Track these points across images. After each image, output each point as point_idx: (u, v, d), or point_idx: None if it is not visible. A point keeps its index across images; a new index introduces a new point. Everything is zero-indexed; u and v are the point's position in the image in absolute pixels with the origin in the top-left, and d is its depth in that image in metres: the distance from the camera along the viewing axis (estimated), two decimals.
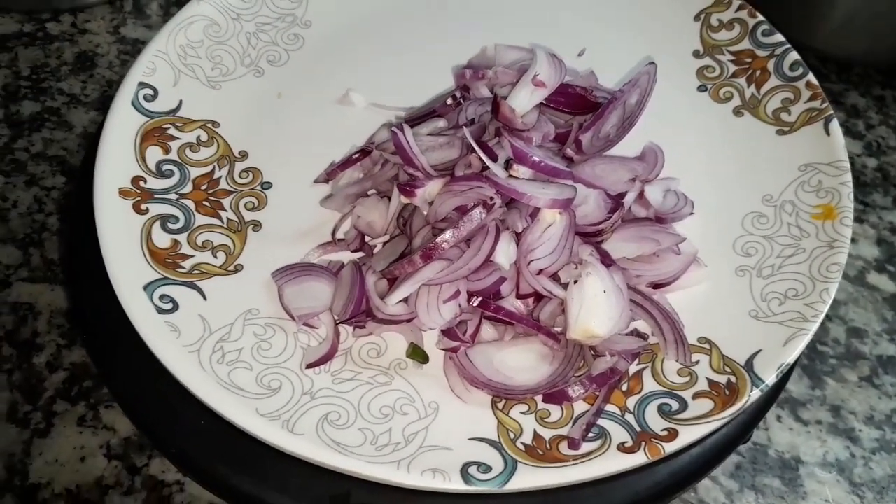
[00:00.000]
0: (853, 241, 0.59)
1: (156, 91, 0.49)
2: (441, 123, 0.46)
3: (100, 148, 0.45)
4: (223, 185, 0.47)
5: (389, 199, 0.45)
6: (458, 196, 0.40)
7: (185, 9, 0.52)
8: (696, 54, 0.54)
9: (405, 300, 0.40)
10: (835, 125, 0.47)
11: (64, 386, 0.49)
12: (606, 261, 0.40)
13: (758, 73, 0.52)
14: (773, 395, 0.42)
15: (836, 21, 0.66)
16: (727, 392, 0.37)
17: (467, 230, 0.39)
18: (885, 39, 0.66)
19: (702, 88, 0.53)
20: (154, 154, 0.47)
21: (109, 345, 0.42)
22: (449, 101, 0.47)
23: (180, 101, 0.50)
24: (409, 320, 0.39)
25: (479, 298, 0.38)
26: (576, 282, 0.39)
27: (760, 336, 0.40)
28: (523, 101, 0.44)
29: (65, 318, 0.52)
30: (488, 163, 0.41)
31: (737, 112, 0.51)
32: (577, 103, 0.46)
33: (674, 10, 0.56)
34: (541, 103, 0.46)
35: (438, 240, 0.38)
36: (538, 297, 0.40)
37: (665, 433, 0.36)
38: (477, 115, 0.46)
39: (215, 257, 0.44)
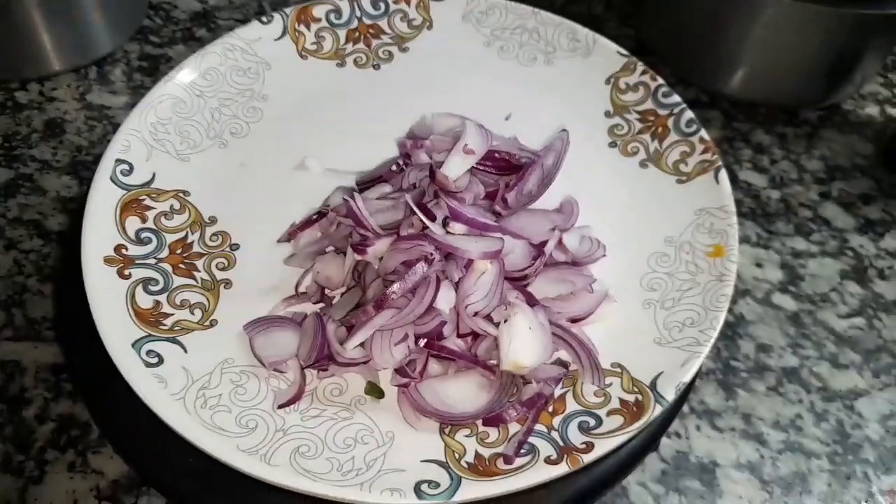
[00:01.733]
0: (759, 265, 0.66)
1: (131, 166, 0.55)
2: (387, 188, 0.53)
3: (85, 220, 0.51)
4: (196, 248, 0.53)
5: (345, 255, 0.51)
6: (403, 252, 0.47)
7: (154, 89, 0.59)
8: (608, 114, 0.62)
9: (361, 344, 0.46)
10: (723, 175, 0.55)
11: (53, 436, 0.52)
12: (531, 301, 0.47)
13: (660, 129, 0.60)
14: (674, 410, 0.49)
15: (741, 70, 0.74)
16: (635, 409, 0.45)
17: (412, 282, 0.45)
18: (786, 84, 0.75)
19: (612, 144, 0.61)
20: (133, 223, 0.53)
21: (102, 394, 0.47)
22: (393, 168, 0.54)
23: (153, 174, 0.55)
24: (365, 362, 0.46)
25: (425, 339, 0.45)
26: (506, 321, 0.46)
27: (662, 359, 0.47)
28: (456, 168, 0.51)
29: (50, 373, 0.55)
30: (427, 223, 0.48)
31: (642, 164, 0.59)
32: (503, 166, 0.53)
33: (587, 74, 0.64)
34: (471, 167, 0.53)
35: (388, 291, 0.45)
36: (475, 336, 0.47)
37: (583, 446, 0.43)
38: (417, 179, 0.53)
39: (193, 314, 0.50)
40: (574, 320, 0.48)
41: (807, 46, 0.70)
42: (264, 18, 0.64)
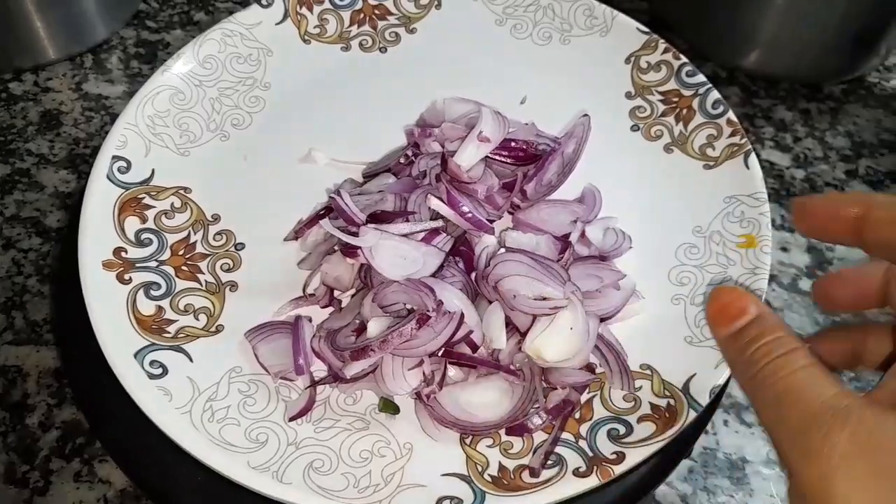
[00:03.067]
0: (785, 250, 0.64)
1: (129, 163, 0.52)
2: (389, 180, 0.50)
3: (81, 222, 0.48)
4: (199, 248, 0.51)
5: None
6: (404, 294, 0.43)
7: (151, 80, 0.56)
8: (629, 95, 0.59)
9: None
10: (753, 159, 0.52)
11: (58, 444, 0.51)
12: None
13: (684, 111, 0.57)
14: (708, 413, 0.46)
15: (762, 43, 0.71)
16: (667, 414, 0.42)
17: (407, 335, 0.41)
18: (807, 56, 0.71)
19: (634, 128, 0.58)
20: (132, 224, 0.50)
21: (102, 403, 0.45)
22: (402, 160, 0.51)
23: (153, 171, 0.53)
24: (372, 372, 0.43)
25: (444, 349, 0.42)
26: (553, 308, 0.43)
27: (695, 360, 0.44)
28: (469, 157, 0.48)
29: (53, 378, 0.53)
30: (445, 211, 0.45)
31: (667, 149, 0.56)
32: (520, 155, 0.50)
33: (606, 54, 0.60)
34: (486, 157, 0.50)
35: (390, 338, 0.41)
36: None
37: (614, 456, 0.40)
38: (428, 167, 0.50)
39: (197, 320, 0.47)
40: (601, 319, 0.45)
41: (830, 15, 0.66)
42: (264, 2, 0.60)
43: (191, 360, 0.45)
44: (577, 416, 0.43)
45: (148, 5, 0.80)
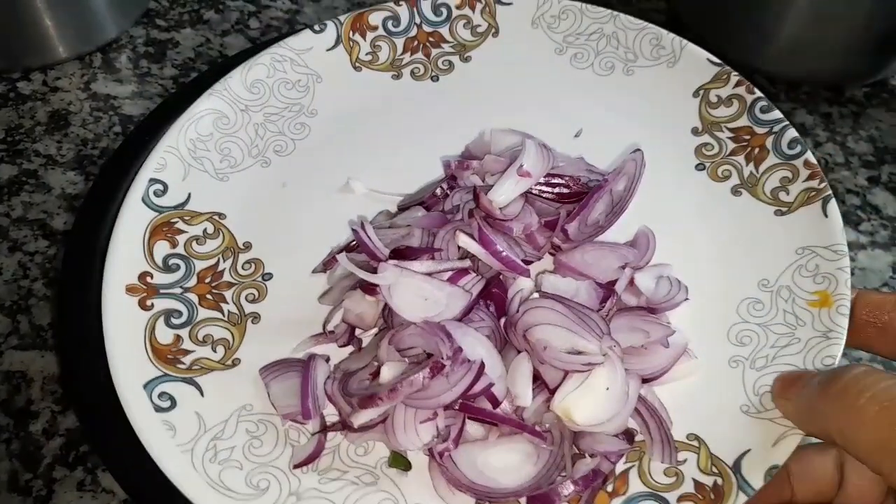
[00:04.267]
0: None
1: (166, 186, 0.51)
2: (419, 213, 0.47)
3: (111, 244, 0.47)
4: (226, 277, 0.49)
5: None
6: (420, 338, 0.40)
7: (197, 103, 0.55)
8: (695, 131, 0.54)
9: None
10: (833, 206, 0.46)
11: (61, 452, 0.50)
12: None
13: (756, 150, 0.51)
14: None
15: (782, 43, 0.68)
16: (713, 495, 0.36)
17: (419, 384, 0.38)
18: (829, 59, 0.69)
19: (700, 167, 0.52)
20: (161, 249, 0.49)
21: (101, 415, 0.43)
22: (437, 192, 0.48)
23: (189, 195, 0.52)
24: (382, 422, 0.40)
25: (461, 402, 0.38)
26: (588, 364, 0.38)
27: (750, 434, 0.38)
28: (506, 192, 0.45)
29: (57, 385, 0.53)
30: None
31: (735, 191, 0.51)
32: (564, 192, 0.46)
33: (673, 86, 0.56)
34: (528, 192, 0.46)
35: (400, 387, 0.38)
36: None
37: None
38: (462, 202, 0.47)
39: (215, 352, 0.45)
40: (644, 380, 0.40)
41: (854, 16, 0.64)
42: (317, 27, 0.59)
43: (202, 394, 0.43)
44: (609, 488, 0.38)
45: (158, 4, 0.79)
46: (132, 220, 0.49)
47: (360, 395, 0.39)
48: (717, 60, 0.55)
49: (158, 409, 0.42)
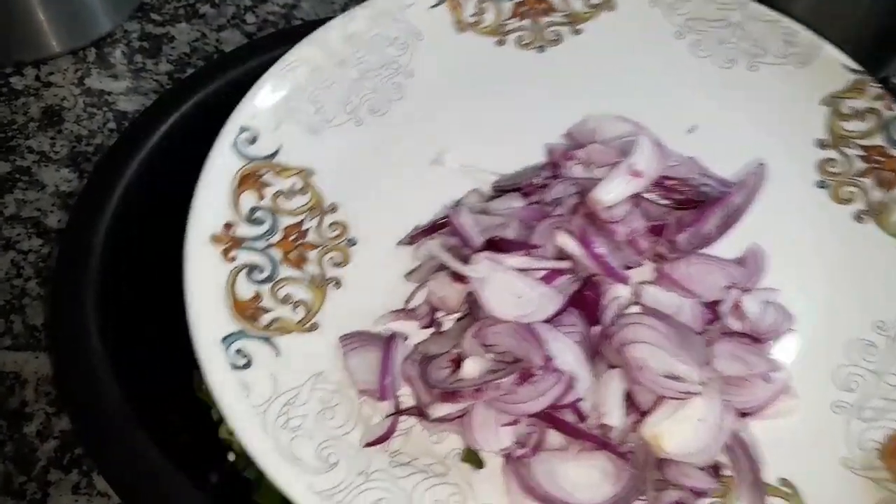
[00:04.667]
0: None
1: (257, 134, 0.50)
2: (517, 203, 0.44)
3: (197, 189, 0.46)
4: (311, 237, 0.47)
5: None
6: (511, 339, 0.38)
7: (292, 52, 0.53)
8: (821, 144, 0.50)
9: None
10: None
11: (56, 454, 0.49)
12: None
13: (889, 175, 0.47)
14: None
15: None
16: None
17: (507, 387, 0.36)
18: None
19: (821, 184, 0.49)
20: (248, 200, 0.47)
21: (95, 417, 0.41)
22: (536, 181, 0.45)
23: (279, 147, 0.50)
24: (460, 417, 0.38)
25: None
26: (683, 393, 0.36)
27: (850, 491, 0.36)
28: (615, 193, 0.42)
29: (51, 386, 0.52)
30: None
31: (858, 217, 0.47)
32: (678, 197, 0.43)
33: (800, 90, 0.51)
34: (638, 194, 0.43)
35: (485, 388, 0.36)
36: None
37: None
38: (564, 195, 0.44)
39: (295, 312, 0.44)
40: (740, 414, 0.38)
41: (853, 13, 0.63)
42: None
43: (278, 354, 0.42)
44: None
45: None
46: (220, 167, 0.48)
47: (442, 388, 0.37)
48: (857, 67, 0.51)
49: (235, 366, 0.41)
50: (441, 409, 0.38)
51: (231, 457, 0.48)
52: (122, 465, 0.39)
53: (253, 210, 0.47)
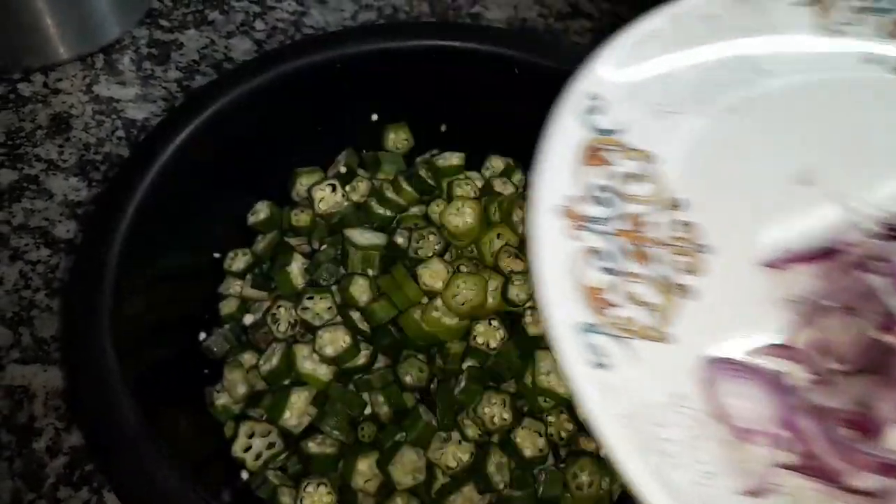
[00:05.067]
0: None
1: (605, 106, 0.44)
2: None
3: (541, 159, 0.41)
4: (659, 232, 0.42)
5: (858, 318, 0.37)
6: None
7: (642, 22, 0.47)
8: None
9: None
10: None
11: (65, 471, 0.47)
12: None
13: None
14: None
15: None
16: None
17: None
18: None
19: None
20: (595, 176, 0.42)
21: (108, 432, 0.39)
22: None
23: (627, 123, 0.44)
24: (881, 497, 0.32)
25: None
26: None
27: None
28: None
29: (61, 400, 0.50)
30: None
31: None
32: None
33: None
34: None
35: None
36: None
37: None
38: None
39: (645, 315, 0.38)
40: None
41: None
42: None
43: (637, 359, 0.37)
44: None
45: (162, 4, 0.75)
46: (565, 134, 0.43)
47: (872, 455, 0.31)
48: None
49: (595, 364, 0.35)
50: (864, 479, 0.31)
51: (244, 475, 0.47)
52: (134, 483, 0.38)
53: (599, 188, 0.42)
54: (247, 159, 0.56)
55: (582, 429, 0.48)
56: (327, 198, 0.56)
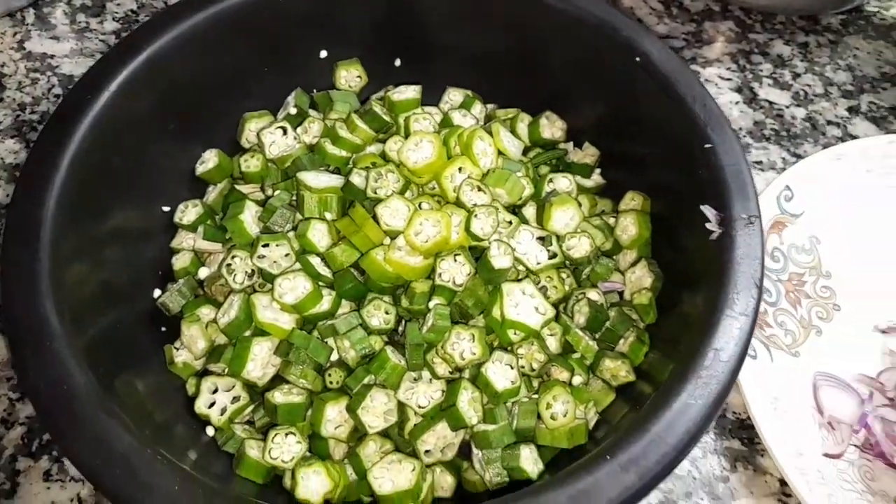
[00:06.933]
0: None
1: (792, 194, 0.58)
2: None
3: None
4: (806, 289, 0.57)
5: None
6: None
7: (835, 148, 0.59)
8: None
9: None
10: None
11: (23, 441, 0.46)
12: None
13: None
14: None
15: None
16: None
17: None
18: None
19: None
20: (772, 241, 0.57)
21: (59, 403, 0.37)
22: None
23: (804, 209, 0.58)
24: None
25: None
26: None
27: None
28: None
29: (13, 371, 0.48)
30: None
31: None
32: None
33: None
34: None
35: None
36: None
37: None
38: None
39: (785, 336, 0.54)
40: None
41: None
42: None
43: (772, 361, 0.52)
44: None
45: None
46: (765, 209, 0.56)
47: None
48: None
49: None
50: None
51: (210, 431, 0.45)
52: (91, 449, 0.36)
53: (774, 249, 0.57)
54: (190, 106, 0.52)
55: (552, 359, 0.47)
56: (278, 141, 0.54)
